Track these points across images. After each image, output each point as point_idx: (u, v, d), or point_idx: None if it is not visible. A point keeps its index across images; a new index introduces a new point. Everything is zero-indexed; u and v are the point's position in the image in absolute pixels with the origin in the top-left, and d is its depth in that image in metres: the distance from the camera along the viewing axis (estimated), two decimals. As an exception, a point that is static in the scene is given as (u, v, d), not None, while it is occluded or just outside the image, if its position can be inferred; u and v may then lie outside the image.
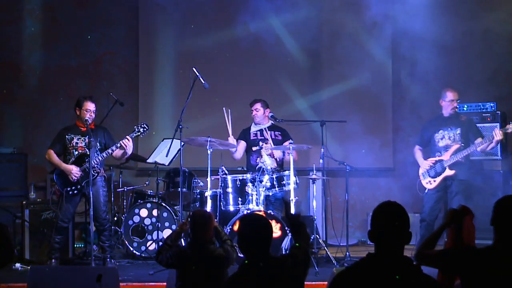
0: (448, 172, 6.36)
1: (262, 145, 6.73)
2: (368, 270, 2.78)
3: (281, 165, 6.85)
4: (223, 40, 8.58)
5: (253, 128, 6.98)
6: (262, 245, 3.23)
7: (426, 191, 6.51)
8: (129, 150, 6.35)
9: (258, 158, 6.64)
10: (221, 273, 4.23)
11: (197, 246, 4.25)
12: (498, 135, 6.15)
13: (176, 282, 4.28)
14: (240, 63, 8.62)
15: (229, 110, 6.86)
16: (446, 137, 6.47)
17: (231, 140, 6.82)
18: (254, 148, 6.84)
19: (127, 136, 6.29)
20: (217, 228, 4.48)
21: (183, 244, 6.02)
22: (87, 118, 6.30)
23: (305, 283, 3.30)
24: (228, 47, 8.59)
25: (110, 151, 6.35)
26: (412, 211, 7.07)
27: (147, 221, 7.04)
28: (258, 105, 6.92)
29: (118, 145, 6.30)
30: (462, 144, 6.40)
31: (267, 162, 6.52)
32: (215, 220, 4.92)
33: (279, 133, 6.94)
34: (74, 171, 6.31)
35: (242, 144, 6.95)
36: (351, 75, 8.49)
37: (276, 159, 6.76)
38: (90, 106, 6.37)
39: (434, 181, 6.45)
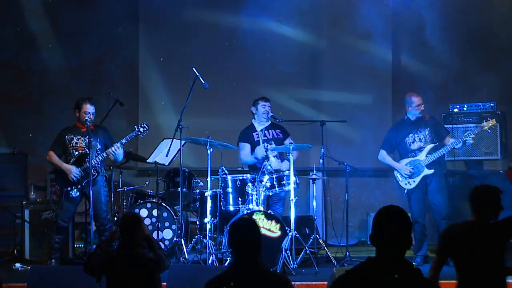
0: (427, 171, 6.50)
1: (268, 146, 6.57)
2: (368, 274, 2.78)
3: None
4: (223, 40, 8.57)
5: (258, 127, 6.83)
6: (251, 249, 3.15)
7: (405, 191, 6.62)
8: (119, 157, 6.51)
9: (265, 161, 6.44)
10: (151, 278, 4.12)
11: (126, 250, 4.13)
12: (470, 139, 6.40)
13: None
14: (240, 62, 8.61)
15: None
16: (417, 139, 6.61)
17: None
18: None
19: (116, 144, 6.40)
20: (149, 237, 4.31)
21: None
22: (86, 119, 6.36)
23: (305, 283, 3.28)
24: (228, 46, 8.58)
25: (108, 152, 6.40)
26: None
27: (147, 221, 7.02)
28: (269, 103, 6.81)
29: (108, 151, 6.39)
30: (436, 143, 6.55)
31: (274, 164, 6.50)
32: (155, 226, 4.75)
33: (279, 131, 6.88)
34: (73, 171, 6.35)
35: (248, 147, 6.79)
36: (351, 74, 8.49)
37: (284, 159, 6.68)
38: (89, 108, 6.42)
39: (414, 181, 6.57)
